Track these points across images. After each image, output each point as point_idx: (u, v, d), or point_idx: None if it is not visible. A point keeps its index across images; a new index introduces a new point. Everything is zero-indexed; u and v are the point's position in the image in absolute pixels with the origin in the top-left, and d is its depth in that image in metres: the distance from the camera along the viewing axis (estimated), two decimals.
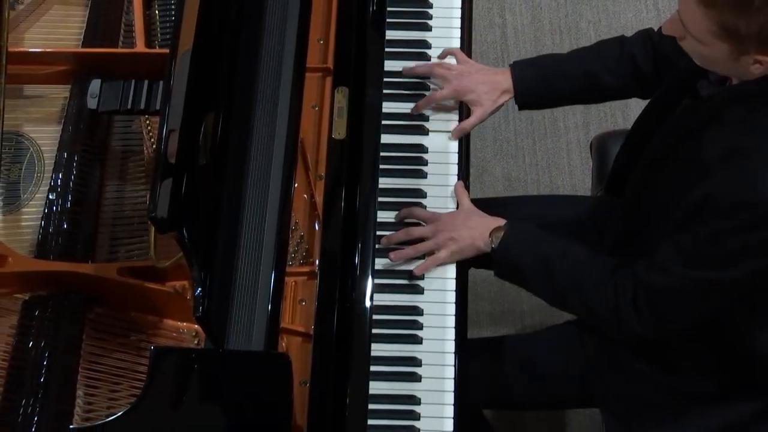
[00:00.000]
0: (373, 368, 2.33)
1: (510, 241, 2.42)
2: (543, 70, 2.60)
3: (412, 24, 2.69)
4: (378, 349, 2.37)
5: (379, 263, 2.43)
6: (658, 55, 2.49)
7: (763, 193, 2.10)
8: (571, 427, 3.27)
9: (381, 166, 2.51)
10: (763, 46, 2.06)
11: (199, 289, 2.10)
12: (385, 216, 2.48)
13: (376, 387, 2.33)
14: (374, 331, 2.36)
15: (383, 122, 2.55)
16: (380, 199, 2.48)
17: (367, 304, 2.36)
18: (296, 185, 2.42)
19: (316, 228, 2.44)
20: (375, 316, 2.38)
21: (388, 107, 2.58)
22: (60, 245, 2.43)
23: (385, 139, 2.55)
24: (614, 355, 2.50)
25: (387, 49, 2.62)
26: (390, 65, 2.61)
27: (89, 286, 2.39)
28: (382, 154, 2.52)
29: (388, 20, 2.64)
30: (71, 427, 2.24)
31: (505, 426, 3.20)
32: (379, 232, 2.45)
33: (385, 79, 2.59)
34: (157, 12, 2.68)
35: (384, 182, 2.51)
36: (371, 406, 2.29)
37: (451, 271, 2.47)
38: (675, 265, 2.24)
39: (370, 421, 2.28)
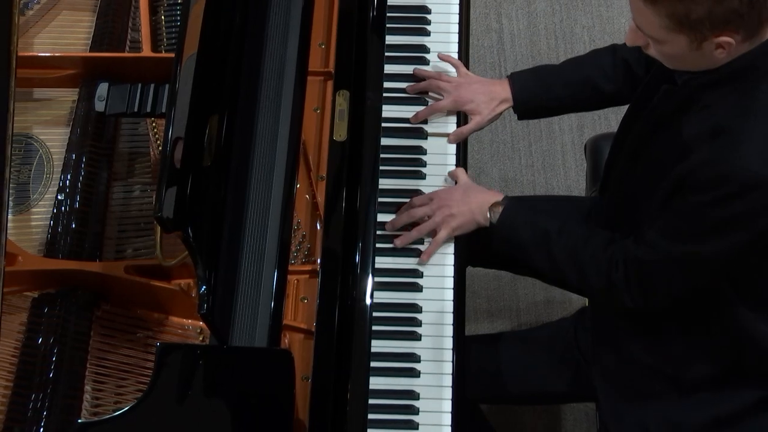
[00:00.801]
0: (373, 364, 2.33)
1: (509, 215, 2.44)
2: (541, 79, 2.61)
3: (411, 29, 2.69)
4: (378, 346, 2.37)
5: (379, 262, 2.43)
6: (650, 59, 2.50)
7: (744, 167, 2.11)
8: (566, 421, 3.26)
9: (381, 168, 2.51)
10: (717, 27, 2.07)
11: (204, 287, 2.10)
12: (385, 216, 2.48)
13: (376, 382, 2.32)
14: (374, 327, 2.36)
15: (383, 125, 2.55)
16: (380, 199, 2.48)
17: (368, 301, 2.36)
18: (298, 186, 2.42)
19: (318, 227, 2.44)
20: (375, 314, 2.37)
21: (387, 110, 2.58)
22: (68, 244, 2.43)
23: (385, 141, 2.55)
24: (611, 343, 2.50)
25: (387, 54, 2.62)
26: (390, 69, 2.61)
27: (97, 284, 2.39)
28: (381, 155, 2.52)
29: (387, 25, 2.64)
30: (79, 421, 2.24)
31: (502, 420, 3.20)
32: (379, 232, 2.45)
33: (384, 83, 2.59)
34: (163, 18, 2.68)
35: (384, 183, 2.51)
36: (371, 401, 2.29)
37: (449, 269, 2.47)
38: (660, 240, 2.26)
39: (371, 416, 2.28)
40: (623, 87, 2.57)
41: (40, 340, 2.35)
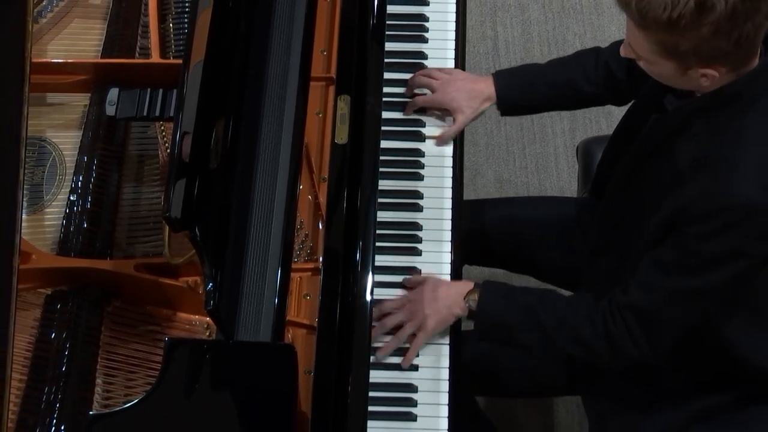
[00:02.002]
0: (373, 358, 2.33)
1: (488, 299, 2.34)
2: (525, 78, 2.60)
3: (409, 36, 2.68)
4: (378, 341, 2.37)
5: (379, 260, 2.43)
6: (631, 63, 2.49)
7: (737, 195, 2.09)
8: (558, 413, 3.26)
9: (381, 169, 2.50)
10: (703, 61, 2.06)
11: (211, 284, 2.10)
12: (384, 216, 2.48)
13: (375, 376, 2.32)
14: (374, 323, 2.36)
15: (383, 128, 2.55)
16: (380, 199, 2.47)
17: (368, 298, 2.36)
18: (301, 187, 2.42)
19: (320, 227, 2.44)
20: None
21: (387, 114, 2.58)
22: (80, 243, 2.43)
23: (385, 143, 2.54)
24: None
25: (386, 60, 2.61)
26: (389, 75, 2.61)
27: (108, 281, 2.38)
28: (381, 158, 2.52)
29: (387, 33, 2.64)
30: (91, 412, 2.24)
31: (497, 412, 3.20)
32: (379, 232, 2.45)
33: (384, 88, 2.58)
34: (171, 26, 2.68)
35: (383, 184, 2.50)
36: (371, 394, 2.29)
37: (446, 267, 2.46)
38: (657, 280, 2.19)
39: (371, 408, 2.28)
40: (604, 89, 2.56)
41: (53, 335, 2.35)
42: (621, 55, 2.21)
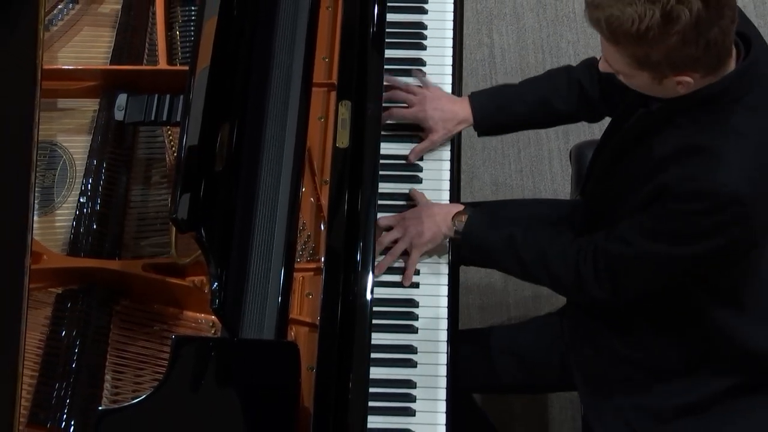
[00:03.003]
0: (373, 355, 2.33)
1: (473, 222, 2.40)
2: (500, 98, 2.59)
3: (408, 44, 2.69)
4: (377, 338, 2.37)
5: (379, 260, 2.43)
6: (602, 80, 2.49)
7: (723, 184, 2.11)
8: (552, 408, 3.26)
9: (380, 173, 2.50)
10: (676, 69, 2.08)
11: (216, 283, 2.10)
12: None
13: (375, 372, 2.32)
14: (374, 321, 2.36)
15: (382, 132, 2.55)
16: (380, 202, 2.47)
17: (368, 297, 2.36)
18: (304, 189, 2.42)
19: (322, 228, 2.44)
20: (375, 308, 2.37)
21: (387, 119, 2.58)
22: (90, 244, 2.43)
23: (384, 147, 2.54)
24: (587, 336, 2.50)
25: (386, 66, 2.61)
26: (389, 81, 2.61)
27: (116, 281, 2.38)
28: (381, 161, 2.52)
29: (387, 40, 2.64)
30: (100, 408, 2.24)
31: (493, 407, 3.20)
32: None
33: (384, 93, 2.58)
34: (178, 33, 2.68)
35: (383, 187, 2.50)
36: (371, 390, 2.29)
37: (443, 267, 2.47)
38: (633, 237, 2.23)
39: (371, 403, 2.28)
40: (576, 107, 2.56)
41: (64, 333, 2.35)
42: (600, 70, 2.22)
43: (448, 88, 2.64)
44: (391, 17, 2.67)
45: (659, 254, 2.22)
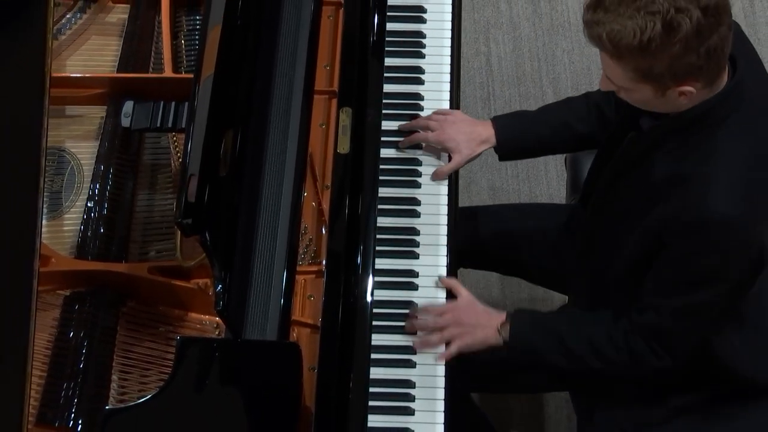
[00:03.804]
0: (373, 356, 2.33)
1: (518, 330, 2.36)
2: (522, 121, 2.56)
3: (408, 52, 2.68)
4: (377, 339, 2.36)
5: (379, 263, 2.43)
6: (619, 102, 2.49)
7: (713, 213, 2.10)
8: (548, 407, 3.26)
9: (380, 178, 2.51)
10: (678, 79, 2.06)
11: (220, 285, 2.10)
12: (384, 221, 2.48)
13: (376, 373, 2.32)
14: (374, 323, 2.36)
15: (382, 138, 2.55)
16: (380, 206, 2.48)
17: (368, 299, 2.36)
18: (305, 194, 2.42)
19: (323, 232, 2.44)
20: (375, 310, 2.37)
21: (386, 125, 2.58)
22: (97, 247, 2.43)
23: (384, 153, 2.54)
24: None
25: (386, 74, 2.62)
26: (388, 88, 2.61)
27: (123, 283, 2.39)
28: (381, 166, 2.52)
29: (386, 49, 2.64)
30: (107, 407, 2.24)
31: (490, 406, 3.20)
32: (378, 236, 2.45)
33: (384, 101, 2.59)
34: (183, 42, 2.69)
35: (383, 191, 2.50)
36: (372, 390, 2.29)
37: (442, 270, 2.46)
38: (661, 301, 2.22)
39: (371, 403, 2.28)
40: (598, 128, 2.53)
41: (71, 334, 2.35)
42: (601, 89, 2.21)
43: (446, 96, 2.64)
44: (390, 26, 2.67)
45: (690, 306, 2.20)
